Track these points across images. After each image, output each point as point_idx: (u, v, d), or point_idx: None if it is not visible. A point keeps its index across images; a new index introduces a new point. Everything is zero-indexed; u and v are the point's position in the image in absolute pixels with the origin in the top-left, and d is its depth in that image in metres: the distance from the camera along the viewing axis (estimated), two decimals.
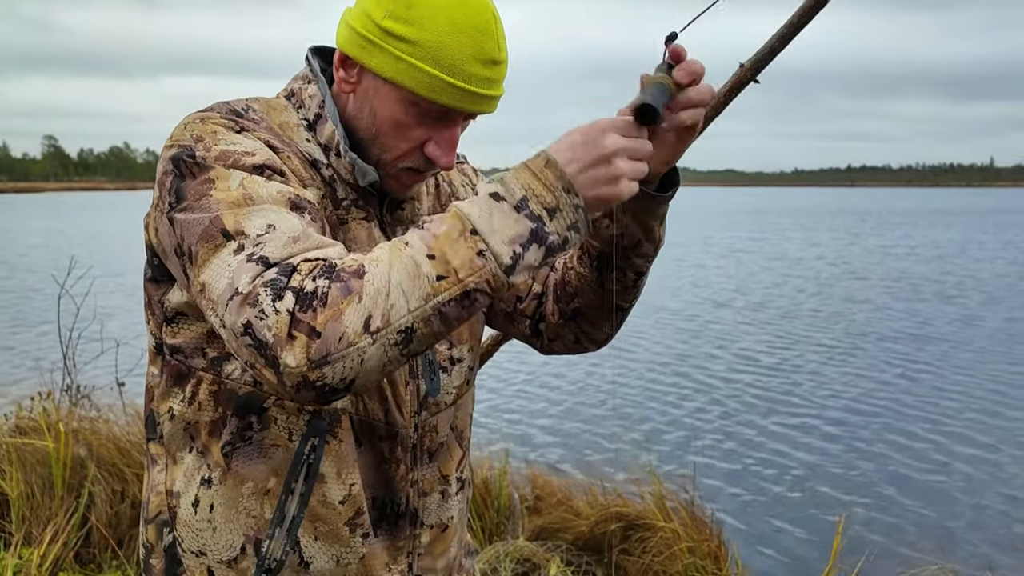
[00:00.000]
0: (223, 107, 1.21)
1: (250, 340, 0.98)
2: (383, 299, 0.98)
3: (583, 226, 1.05)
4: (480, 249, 1.00)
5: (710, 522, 4.15)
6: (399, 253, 1.01)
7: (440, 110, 1.20)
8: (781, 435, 7.23)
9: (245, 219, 1.05)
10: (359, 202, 1.27)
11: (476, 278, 1.00)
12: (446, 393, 1.36)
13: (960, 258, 24.14)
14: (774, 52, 1.73)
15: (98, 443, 4.27)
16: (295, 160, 1.21)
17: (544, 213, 1.02)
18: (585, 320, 1.41)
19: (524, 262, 1.01)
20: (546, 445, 6.94)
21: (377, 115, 1.22)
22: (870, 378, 9.29)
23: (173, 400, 1.25)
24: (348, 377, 0.99)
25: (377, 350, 0.98)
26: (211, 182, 1.09)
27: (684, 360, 10.19)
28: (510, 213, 1.02)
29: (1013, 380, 9.20)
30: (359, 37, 1.19)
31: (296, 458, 1.21)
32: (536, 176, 1.03)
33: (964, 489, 6.05)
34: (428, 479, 1.35)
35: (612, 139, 1.04)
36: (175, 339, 1.23)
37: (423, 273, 0.99)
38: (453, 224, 1.01)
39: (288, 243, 1.03)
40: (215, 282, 1.03)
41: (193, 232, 1.07)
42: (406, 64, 1.16)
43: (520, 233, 1.01)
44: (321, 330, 0.96)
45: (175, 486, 1.26)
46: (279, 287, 0.98)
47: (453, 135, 1.24)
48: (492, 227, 1.01)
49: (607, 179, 1.04)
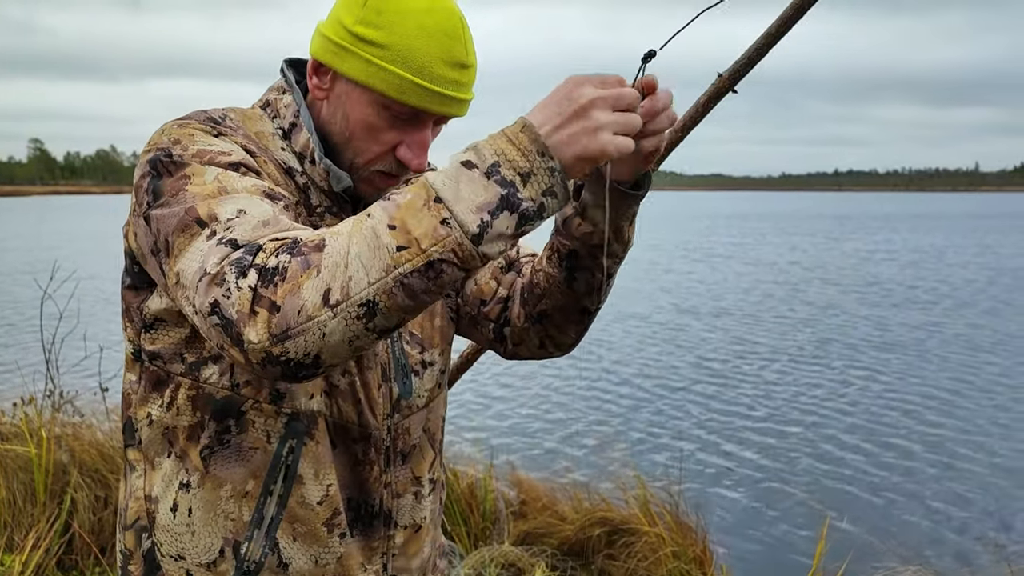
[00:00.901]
0: (200, 115, 1.23)
1: (217, 319, 0.99)
2: (341, 271, 0.96)
3: (560, 191, 1.00)
4: (444, 217, 0.97)
5: (695, 527, 4.16)
6: (360, 224, 0.99)
7: (410, 112, 1.21)
8: (765, 440, 7.26)
9: (218, 206, 1.06)
10: (333, 208, 1.29)
11: (440, 248, 0.96)
12: (418, 396, 1.37)
13: (935, 263, 24.29)
14: (752, 62, 1.74)
15: (81, 449, 4.26)
16: (271, 166, 1.23)
17: (517, 178, 0.98)
18: (551, 323, 1.39)
19: (494, 230, 0.97)
20: (531, 450, 6.95)
21: (350, 119, 1.24)
22: (851, 383, 9.34)
23: (151, 406, 1.26)
24: (311, 352, 0.98)
25: (338, 324, 0.97)
26: (187, 178, 1.11)
27: (667, 365, 10.21)
28: (479, 179, 0.98)
29: (992, 387, 9.26)
30: (332, 44, 1.22)
31: (274, 460, 1.22)
32: (511, 140, 0.99)
33: (945, 492, 6.09)
34: (401, 480, 1.35)
35: (588, 90, 1.00)
36: (153, 345, 1.24)
37: (383, 244, 0.97)
38: (417, 193, 0.99)
39: (257, 226, 1.04)
40: (188, 267, 1.04)
41: (169, 224, 1.08)
42: (376, 67, 1.19)
43: (489, 200, 0.97)
44: (280, 304, 0.96)
45: (153, 491, 1.26)
46: (244, 265, 0.99)
47: (424, 138, 1.25)
48: (458, 195, 0.97)
49: (585, 132, 0.98)
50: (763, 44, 1.71)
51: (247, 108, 1.31)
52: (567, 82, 1.02)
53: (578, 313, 1.37)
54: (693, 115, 1.85)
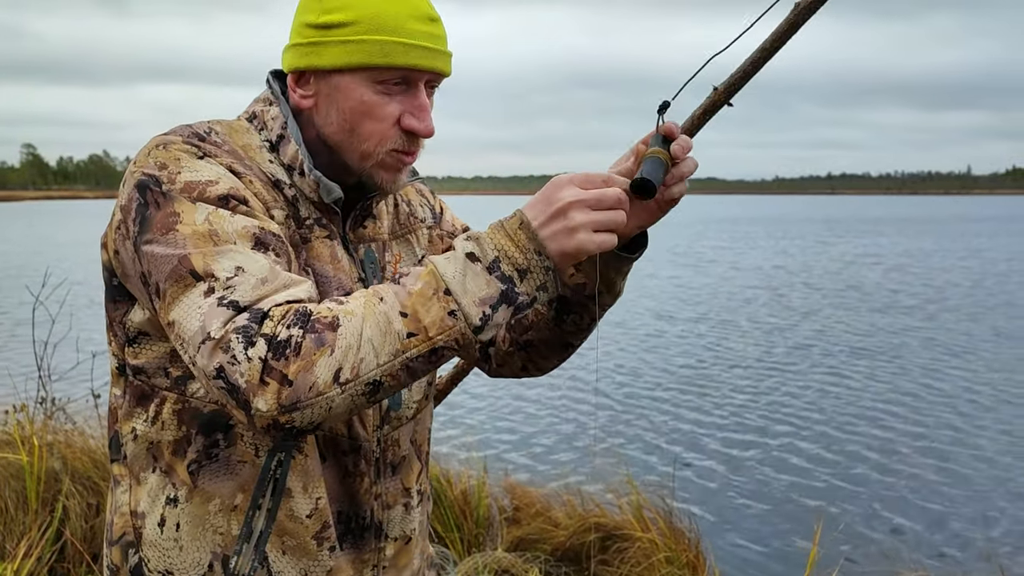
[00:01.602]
0: (185, 130, 1.22)
1: (222, 384, 1.02)
2: (354, 353, 1.02)
3: (552, 287, 1.09)
4: (452, 309, 1.04)
5: (688, 532, 4.17)
6: (373, 308, 1.04)
7: (400, 76, 1.21)
8: (758, 445, 7.27)
9: (214, 261, 1.07)
10: (322, 220, 1.28)
11: (445, 336, 1.05)
12: (407, 407, 1.38)
13: (920, 266, 24.37)
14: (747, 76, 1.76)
15: (73, 456, 4.24)
16: (257, 184, 1.21)
17: (515, 274, 1.07)
18: (535, 352, 1.46)
19: (493, 322, 1.06)
20: (524, 455, 6.94)
21: (345, 108, 1.23)
22: (841, 387, 9.37)
23: (136, 420, 1.25)
24: (316, 421, 1.03)
25: (344, 399, 1.03)
26: (176, 215, 1.10)
27: (661, 370, 10.22)
28: (482, 274, 1.06)
29: (984, 390, 9.30)
30: (303, 47, 1.23)
31: (263, 473, 1.22)
32: (510, 237, 1.08)
33: (938, 497, 6.10)
34: (391, 492, 1.36)
35: (568, 191, 1.08)
36: (137, 359, 1.24)
37: (395, 330, 1.04)
38: (428, 282, 1.06)
39: (257, 285, 1.06)
40: (186, 323, 1.05)
41: (161, 269, 1.08)
42: (354, 43, 1.19)
43: (491, 295, 1.06)
44: (293, 379, 1.00)
45: (139, 506, 1.26)
46: (250, 334, 1.01)
47: (423, 101, 1.24)
48: (465, 287, 1.05)
49: (564, 231, 1.07)
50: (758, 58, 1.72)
51: (233, 120, 1.30)
52: (551, 183, 1.10)
53: (561, 347, 1.44)
54: (689, 128, 1.87)
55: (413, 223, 1.45)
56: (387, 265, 1.37)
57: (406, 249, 1.42)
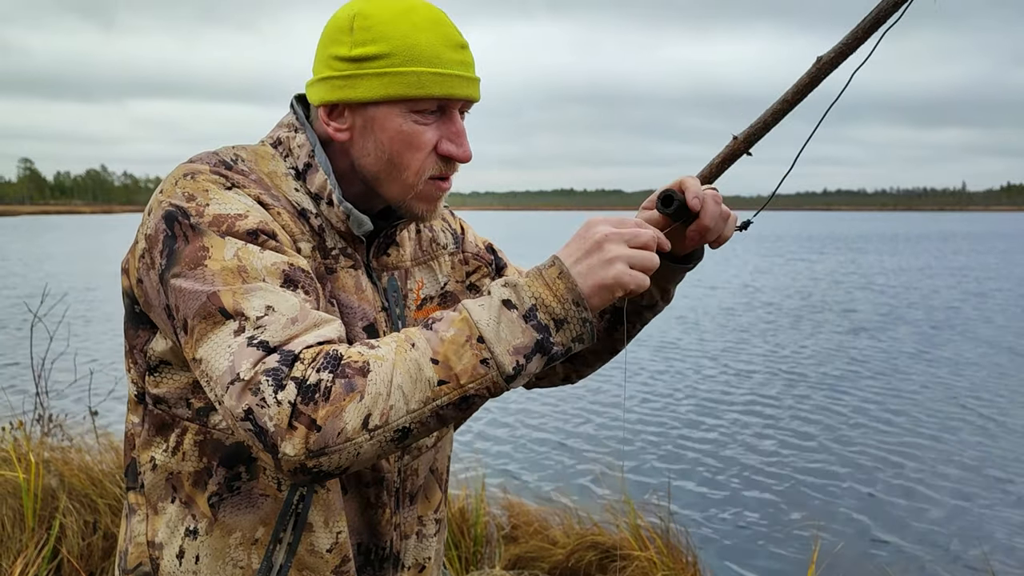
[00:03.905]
0: (212, 158, 1.21)
1: (250, 426, 1.00)
2: (383, 400, 1.00)
3: (588, 338, 1.08)
4: (484, 358, 1.03)
5: (685, 551, 4.16)
6: (404, 354, 1.03)
7: (436, 106, 1.21)
8: (755, 463, 7.26)
9: (244, 299, 1.06)
10: (347, 250, 1.27)
11: (477, 385, 1.03)
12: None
13: (918, 283, 24.41)
14: (767, 127, 1.77)
15: (70, 473, 4.23)
16: (285, 215, 1.20)
17: (551, 323, 1.05)
18: (581, 361, 1.48)
19: (526, 371, 1.05)
20: (523, 473, 6.93)
21: (383, 141, 1.22)
22: (841, 405, 9.36)
23: (155, 450, 1.24)
24: (343, 466, 1.02)
25: (373, 446, 1.01)
26: (205, 249, 1.09)
27: (656, 389, 10.22)
28: (518, 322, 1.04)
29: (975, 406, 9.30)
30: (335, 80, 1.21)
31: (285, 508, 1.21)
32: (548, 286, 1.06)
33: (937, 519, 6.09)
34: (409, 521, 1.36)
35: (603, 227, 1.10)
36: (158, 388, 1.22)
37: (425, 377, 1.02)
38: (461, 329, 1.04)
39: (287, 325, 1.04)
40: (214, 361, 1.04)
41: (189, 305, 1.07)
42: (391, 75, 1.18)
43: (526, 344, 1.04)
44: (322, 424, 0.99)
45: (157, 537, 1.24)
46: (280, 377, 1.00)
47: (459, 127, 1.24)
48: (499, 335, 1.04)
49: (600, 263, 1.07)
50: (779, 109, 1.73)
51: (257, 146, 1.28)
52: (586, 224, 1.12)
53: (608, 353, 1.47)
54: (707, 176, 1.88)
55: (435, 249, 1.44)
56: (409, 293, 1.36)
57: (428, 276, 1.41)
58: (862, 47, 1.60)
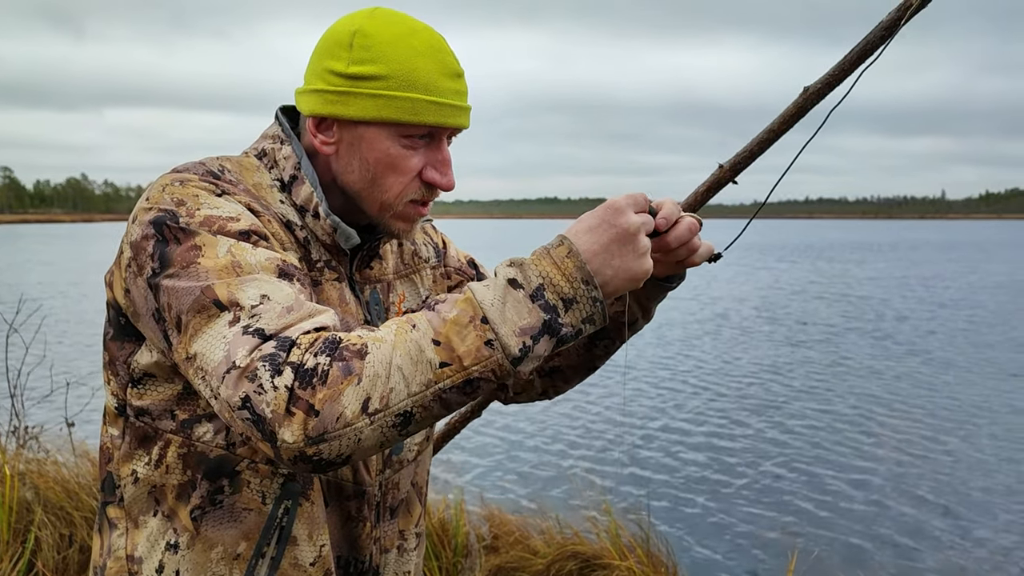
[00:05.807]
0: (199, 168, 1.19)
1: (248, 414, 0.98)
2: (382, 382, 0.97)
3: (599, 318, 1.04)
4: (489, 339, 0.99)
5: (666, 559, 4.16)
6: (404, 335, 1.00)
7: (426, 132, 1.21)
8: (735, 472, 7.28)
9: (238, 289, 1.04)
10: (331, 263, 1.26)
11: (481, 367, 0.99)
12: (408, 451, 1.37)
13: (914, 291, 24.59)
14: (753, 156, 1.78)
15: (45, 486, 4.18)
16: (275, 223, 1.19)
17: (560, 303, 1.01)
18: (560, 376, 1.48)
19: (533, 353, 1.00)
20: (503, 483, 6.92)
21: (369, 160, 1.21)
22: (822, 416, 9.41)
23: (137, 463, 1.21)
24: (344, 454, 0.98)
25: (374, 431, 0.98)
26: (197, 248, 1.07)
27: (635, 397, 10.23)
28: (524, 301, 1.00)
29: (959, 414, 9.37)
30: (329, 94, 1.20)
31: (269, 522, 1.19)
32: (556, 265, 1.02)
33: (914, 530, 6.13)
34: (389, 535, 1.36)
35: (634, 217, 1.06)
36: (141, 401, 1.20)
37: (426, 358, 0.98)
38: (464, 309, 1.00)
39: (282, 313, 1.02)
40: (209, 353, 1.02)
41: (183, 301, 1.05)
42: (385, 98, 1.17)
43: (532, 324, 1.00)
44: (320, 409, 0.95)
45: (137, 551, 1.21)
46: (277, 362, 0.97)
47: (445, 155, 1.24)
48: (504, 316, 0.99)
49: (635, 256, 1.05)
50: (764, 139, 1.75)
51: (242, 157, 1.27)
52: (610, 207, 1.07)
53: (587, 370, 1.47)
54: (692, 203, 1.89)
55: (417, 263, 1.44)
56: (391, 306, 1.36)
57: (410, 289, 1.41)
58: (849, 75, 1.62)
